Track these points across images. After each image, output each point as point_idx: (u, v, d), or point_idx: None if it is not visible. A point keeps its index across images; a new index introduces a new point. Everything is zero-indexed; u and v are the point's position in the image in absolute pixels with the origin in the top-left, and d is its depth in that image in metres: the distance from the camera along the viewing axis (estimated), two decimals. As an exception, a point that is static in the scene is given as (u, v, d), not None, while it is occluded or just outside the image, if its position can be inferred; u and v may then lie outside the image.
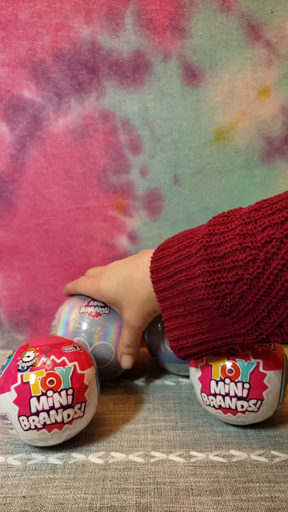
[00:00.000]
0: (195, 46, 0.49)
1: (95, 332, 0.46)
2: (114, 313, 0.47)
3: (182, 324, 0.37)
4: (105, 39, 0.49)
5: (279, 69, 0.50)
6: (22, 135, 0.52)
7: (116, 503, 0.32)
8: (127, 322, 0.43)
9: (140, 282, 0.41)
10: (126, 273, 0.43)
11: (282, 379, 0.38)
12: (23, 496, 0.32)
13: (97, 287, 0.45)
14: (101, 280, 0.45)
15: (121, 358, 0.46)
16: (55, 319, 0.48)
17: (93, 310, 0.47)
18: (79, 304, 0.47)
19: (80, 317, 0.46)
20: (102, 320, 0.46)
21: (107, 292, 0.44)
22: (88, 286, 0.47)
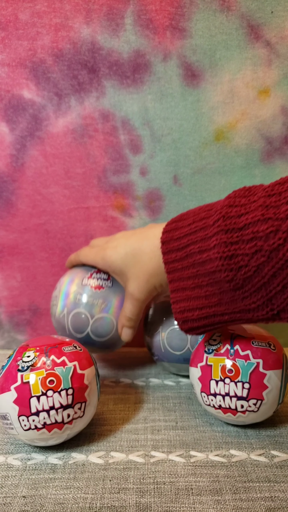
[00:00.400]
0: (195, 46, 0.49)
1: (96, 304, 0.45)
2: (117, 286, 0.46)
3: (189, 297, 0.36)
4: (105, 39, 0.49)
5: (279, 69, 0.50)
6: (22, 135, 0.52)
7: (116, 503, 0.32)
8: (131, 294, 0.43)
9: (149, 253, 0.40)
10: (134, 244, 0.42)
11: (282, 379, 0.38)
12: (23, 496, 0.32)
13: (103, 256, 0.44)
14: (107, 249, 0.44)
15: (121, 331, 0.45)
16: (56, 290, 0.48)
17: (96, 282, 0.46)
18: (82, 275, 0.46)
19: (82, 288, 0.45)
20: (104, 292, 0.45)
21: (113, 262, 0.43)
22: (92, 255, 0.46)
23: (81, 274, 0.47)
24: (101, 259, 0.44)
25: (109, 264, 0.44)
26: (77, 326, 0.45)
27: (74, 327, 0.45)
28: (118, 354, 0.58)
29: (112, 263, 0.43)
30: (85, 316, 0.45)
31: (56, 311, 0.47)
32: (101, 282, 0.46)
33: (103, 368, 0.53)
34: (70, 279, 0.47)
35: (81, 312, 0.45)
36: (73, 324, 0.45)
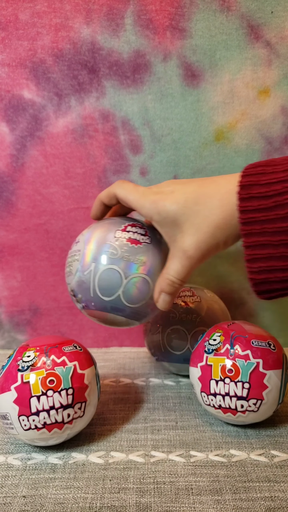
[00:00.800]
0: (195, 46, 0.49)
1: (132, 261, 0.37)
2: (156, 244, 0.39)
3: (271, 256, 0.32)
4: (105, 39, 0.49)
5: (279, 69, 0.50)
6: (22, 135, 0.52)
7: (116, 503, 0.32)
8: (184, 250, 0.35)
9: (219, 200, 0.33)
10: (198, 189, 0.35)
11: (282, 378, 0.38)
12: (23, 496, 0.32)
13: (154, 200, 0.36)
14: (160, 193, 0.36)
15: (158, 296, 0.38)
16: (78, 243, 0.40)
17: (132, 236, 0.38)
18: (114, 227, 0.39)
19: (116, 241, 0.38)
20: (142, 249, 0.38)
21: (167, 208, 0.35)
22: (138, 195, 0.37)
23: (113, 226, 0.39)
24: (151, 203, 0.36)
25: (159, 211, 0.35)
26: (106, 286, 0.37)
27: (102, 287, 0.37)
28: (118, 354, 0.58)
29: (165, 210, 0.35)
30: (118, 274, 0.37)
31: (77, 268, 0.38)
32: (138, 237, 0.38)
33: (103, 368, 0.53)
34: (101, 231, 0.39)
35: (114, 269, 0.37)
36: (102, 284, 0.37)
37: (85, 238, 0.39)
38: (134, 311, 0.39)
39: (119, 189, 0.38)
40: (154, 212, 0.36)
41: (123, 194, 0.38)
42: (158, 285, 0.37)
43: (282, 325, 0.59)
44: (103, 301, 0.38)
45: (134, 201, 0.37)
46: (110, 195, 0.39)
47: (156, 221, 0.36)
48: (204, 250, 0.35)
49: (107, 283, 0.37)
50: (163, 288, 0.37)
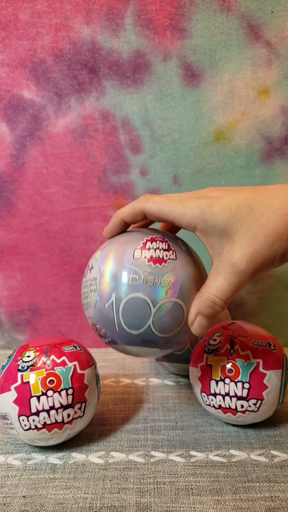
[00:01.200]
0: (195, 46, 0.49)
1: (161, 284, 0.32)
2: (182, 259, 0.34)
3: None
4: (105, 39, 0.49)
5: (279, 69, 0.50)
6: (22, 135, 0.52)
7: (116, 503, 0.32)
8: (233, 264, 0.30)
9: (278, 209, 0.29)
10: (252, 195, 0.30)
11: (282, 378, 0.38)
12: (23, 496, 0.32)
13: (199, 206, 0.31)
14: (205, 198, 0.31)
15: (194, 319, 0.32)
16: (93, 270, 0.35)
17: (154, 254, 0.33)
18: (131, 246, 0.33)
19: (136, 264, 0.32)
20: (167, 268, 0.32)
21: (217, 216, 0.30)
22: (175, 203, 0.32)
23: (129, 244, 0.34)
24: (195, 208, 0.31)
25: (206, 218, 0.31)
26: (133, 318, 0.32)
27: (128, 320, 0.32)
28: (118, 354, 0.58)
29: (214, 217, 0.30)
30: (145, 302, 0.32)
31: (96, 300, 0.33)
32: (160, 254, 0.33)
33: (103, 368, 0.53)
34: (115, 253, 0.33)
35: (139, 298, 0.32)
36: (127, 316, 0.32)
37: (100, 263, 0.34)
38: (168, 341, 0.34)
39: (148, 203, 0.33)
40: (200, 220, 0.31)
41: (155, 208, 0.33)
42: (195, 307, 0.32)
43: (282, 325, 0.59)
44: (132, 335, 0.33)
45: (170, 211, 0.32)
46: (136, 212, 0.34)
47: (201, 230, 0.31)
48: (259, 263, 0.30)
49: (134, 315, 0.32)
50: (201, 310, 0.32)
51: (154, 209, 0.33)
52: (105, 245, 0.36)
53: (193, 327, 0.33)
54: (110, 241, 0.36)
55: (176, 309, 0.32)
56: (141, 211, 0.34)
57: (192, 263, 0.34)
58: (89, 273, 0.35)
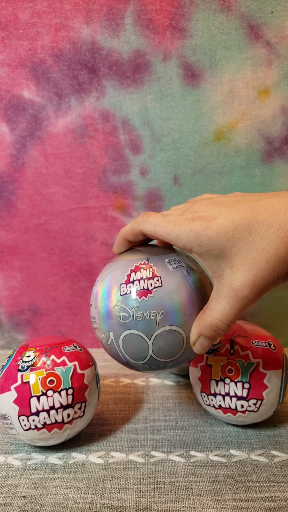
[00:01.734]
0: (195, 46, 0.49)
1: (150, 317, 0.32)
2: (171, 283, 0.32)
3: None
4: (105, 39, 0.49)
5: (279, 69, 0.50)
6: (22, 135, 0.52)
7: (116, 503, 0.32)
8: (235, 290, 0.29)
9: (278, 231, 0.28)
10: (249, 216, 0.29)
11: (282, 378, 0.38)
12: (23, 496, 0.32)
13: (193, 229, 0.30)
14: (199, 219, 0.30)
15: (196, 340, 0.32)
16: (92, 307, 0.36)
17: (139, 286, 0.32)
18: (117, 281, 0.33)
19: (124, 301, 0.32)
20: (155, 298, 0.32)
21: (213, 240, 0.29)
22: (170, 225, 0.31)
23: (116, 278, 0.33)
24: (189, 232, 0.30)
25: (201, 242, 0.30)
26: (133, 352, 0.33)
27: (130, 354, 0.33)
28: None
29: (210, 242, 0.29)
30: (140, 337, 0.32)
31: (102, 338, 0.34)
32: (145, 284, 0.32)
33: (103, 368, 0.53)
34: (107, 289, 0.34)
35: (133, 334, 0.32)
36: (129, 351, 0.33)
37: (94, 300, 0.35)
38: (175, 362, 0.34)
39: (145, 224, 0.32)
40: (194, 244, 0.30)
41: (151, 229, 0.32)
42: (196, 328, 0.32)
43: (282, 325, 0.59)
44: (139, 365, 0.34)
45: (166, 234, 0.31)
46: (135, 232, 0.33)
47: (197, 253, 0.31)
48: (262, 288, 0.29)
49: (134, 350, 0.33)
50: (203, 332, 0.31)
51: (150, 231, 0.32)
52: (98, 278, 0.36)
53: (195, 347, 0.32)
54: (102, 273, 0.35)
55: (173, 335, 0.32)
56: (140, 232, 0.33)
57: (184, 283, 0.33)
58: (91, 309, 0.36)
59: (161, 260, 0.33)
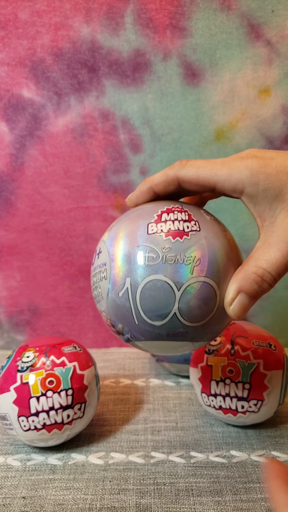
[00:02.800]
0: (195, 45, 0.49)
1: (184, 261, 0.26)
2: (209, 229, 0.28)
3: None
4: (105, 38, 0.49)
5: (280, 68, 0.49)
6: (21, 135, 0.52)
7: (116, 504, 0.31)
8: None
9: None
10: None
11: (283, 379, 0.38)
12: (23, 497, 0.32)
13: (248, 166, 0.26)
14: (255, 157, 0.27)
15: (234, 297, 0.27)
16: (100, 256, 0.30)
17: (173, 226, 0.27)
18: (144, 220, 0.28)
19: (152, 240, 0.27)
20: (192, 241, 0.27)
21: (272, 178, 0.26)
22: (218, 165, 0.27)
23: (141, 218, 0.28)
24: (244, 169, 0.26)
25: (259, 180, 0.26)
26: (154, 306, 0.27)
27: (149, 309, 0.27)
28: (118, 354, 0.58)
29: (269, 180, 0.26)
30: (167, 285, 0.26)
31: (108, 289, 0.28)
32: (180, 225, 0.27)
33: (103, 369, 0.53)
34: (125, 231, 0.28)
35: (160, 280, 0.26)
36: (147, 305, 0.27)
37: (108, 245, 0.29)
38: (200, 331, 0.28)
39: (185, 169, 0.28)
40: (249, 183, 0.26)
41: (192, 173, 0.28)
42: (236, 283, 0.27)
43: (282, 325, 0.59)
44: (154, 327, 0.27)
45: (212, 175, 0.27)
46: (169, 180, 0.29)
47: (249, 195, 0.27)
48: None
49: (155, 302, 0.27)
50: (245, 287, 0.26)
51: (191, 175, 0.28)
52: (113, 224, 0.30)
53: (232, 308, 0.27)
54: (118, 220, 0.30)
55: (207, 290, 0.27)
56: (175, 179, 0.29)
57: (223, 234, 0.28)
58: (97, 259, 0.30)
59: (196, 208, 0.29)
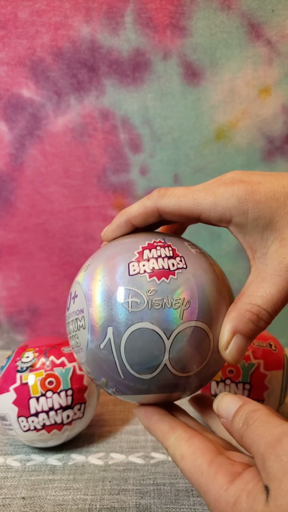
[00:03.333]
0: (195, 45, 0.49)
1: (172, 305, 0.23)
2: (196, 266, 0.25)
3: None
4: (105, 37, 0.49)
5: (280, 68, 0.49)
6: (21, 134, 0.52)
7: (116, 504, 0.31)
8: (286, 266, 0.24)
9: None
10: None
11: (283, 379, 0.38)
12: (23, 497, 0.32)
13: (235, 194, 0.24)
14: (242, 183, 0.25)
15: (229, 340, 0.24)
16: (75, 300, 0.26)
17: (156, 264, 0.24)
18: (125, 258, 0.25)
19: (134, 282, 0.24)
20: (179, 280, 0.24)
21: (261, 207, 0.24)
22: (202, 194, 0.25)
23: (121, 256, 0.25)
24: (230, 197, 0.24)
25: (247, 209, 0.24)
26: (142, 358, 0.24)
27: (136, 362, 0.24)
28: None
29: (258, 208, 0.24)
30: (155, 333, 0.23)
31: (87, 340, 0.25)
32: (165, 263, 0.24)
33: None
34: (103, 273, 0.25)
35: (146, 329, 0.23)
36: (134, 358, 0.24)
37: (84, 287, 0.25)
38: (193, 379, 0.25)
39: (165, 200, 0.26)
40: (237, 212, 0.24)
41: (173, 203, 0.26)
42: (230, 323, 0.24)
43: (283, 325, 0.59)
44: (143, 381, 0.24)
45: (196, 205, 0.25)
46: (148, 211, 0.27)
47: (237, 225, 0.25)
48: None
49: (142, 354, 0.23)
50: (240, 328, 0.24)
51: (173, 206, 0.26)
52: (88, 263, 0.27)
53: (228, 352, 0.24)
54: (94, 257, 0.27)
55: (199, 335, 0.24)
56: (155, 211, 0.26)
57: (211, 269, 0.26)
58: (72, 304, 0.26)
59: (180, 241, 0.27)
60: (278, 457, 0.19)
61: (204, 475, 0.22)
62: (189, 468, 0.22)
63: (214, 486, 0.21)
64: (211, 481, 0.21)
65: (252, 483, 0.20)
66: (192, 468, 0.22)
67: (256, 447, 0.20)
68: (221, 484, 0.21)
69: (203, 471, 0.22)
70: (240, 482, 0.20)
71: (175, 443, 0.24)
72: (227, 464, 0.22)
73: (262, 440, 0.20)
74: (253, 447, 0.20)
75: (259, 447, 0.20)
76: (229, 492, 0.20)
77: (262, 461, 0.20)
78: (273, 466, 0.19)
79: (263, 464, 0.20)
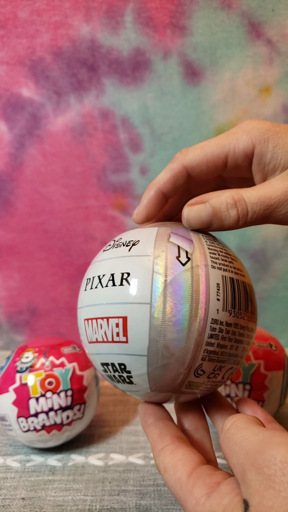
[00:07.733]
0: (195, 44, 0.49)
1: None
2: None
3: None
4: (105, 37, 0.49)
5: (280, 67, 0.49)
6: (21, 134, 0.52)
7: (116, 505, 0.31)
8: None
9: None
10: None
11: (284, 380, 0.38)
12: (22, 498, 0.32)
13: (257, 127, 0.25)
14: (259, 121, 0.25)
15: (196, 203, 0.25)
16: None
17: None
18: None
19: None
20: None
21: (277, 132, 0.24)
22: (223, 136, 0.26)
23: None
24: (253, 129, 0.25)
25: (268, 137, 0.24)
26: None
27: None
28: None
29: (279, 135, 0.24)
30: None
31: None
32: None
33: (102, 369, 0.53)
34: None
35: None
36: None
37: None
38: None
39: (190, 155, 0.26)
40: (259, 140, 0.24)
41: (199, 154, 0.26)
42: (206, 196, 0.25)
43: (283, 326, 0.59)
44: None
45: (220, 147, 0.25)
46: (176, 173, 0.26)
47: (258, 154, 0.25)
48: None
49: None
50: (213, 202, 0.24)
51: (198, 157, 0.25)
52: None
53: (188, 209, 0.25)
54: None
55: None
56: (182, 170, 0.26)
57: None
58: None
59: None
60: (260, 469, 0.18)
61: (183, 488, 0.21)
62: (170, 481, 0.22)
63: (191, 501, 0.20)
64: (188, 495, 0.20)
65: (229, 497, 0.19)
66: (172, 481, 0.22)
67: (235, 457, 0.19)
68: (197, 498, 0.20)
69: (182, 484, 0.21)
70: (216, 496, 0.19)
71: (160, 454, 0.23)
72: (205, 475, 0.21)
73: (242, 449, 0.19)
74: (233, 457, 0.20)
75: (239, 458, 0.19)
76: (205, 508, 0.19)
77: (243, 473, 0.18)
78: (255, 480, 0.18)
79: (243, 477, 0.18)
